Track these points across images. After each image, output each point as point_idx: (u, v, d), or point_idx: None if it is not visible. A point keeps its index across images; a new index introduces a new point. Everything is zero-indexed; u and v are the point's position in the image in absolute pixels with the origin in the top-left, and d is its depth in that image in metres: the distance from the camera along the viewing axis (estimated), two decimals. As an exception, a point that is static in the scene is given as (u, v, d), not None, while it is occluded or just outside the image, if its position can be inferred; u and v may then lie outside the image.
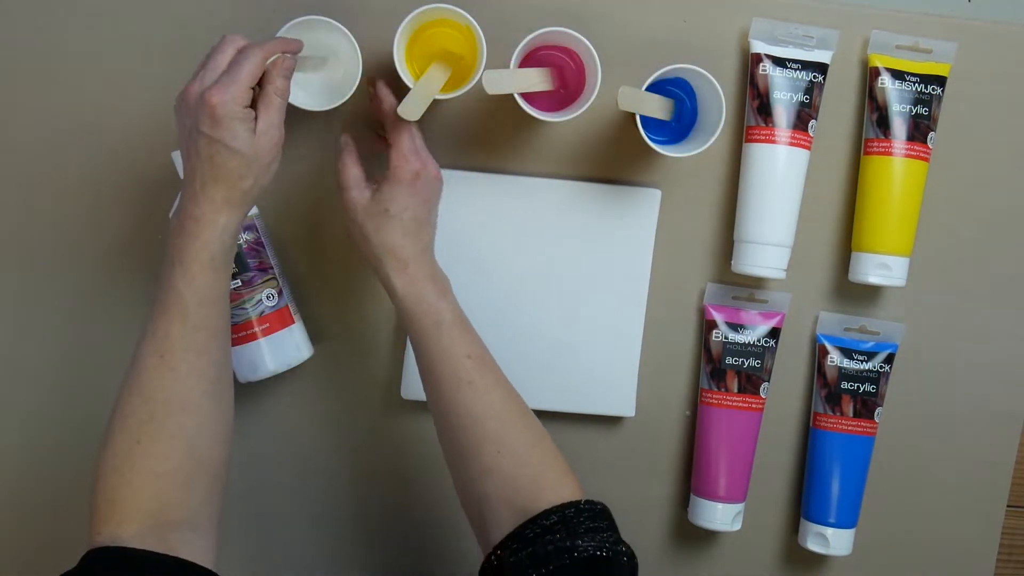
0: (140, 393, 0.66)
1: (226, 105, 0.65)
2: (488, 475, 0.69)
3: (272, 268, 0.80)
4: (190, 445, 0.67)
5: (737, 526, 0.85)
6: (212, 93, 0.65)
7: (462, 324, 0.73)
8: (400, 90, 0.73)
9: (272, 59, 0.69)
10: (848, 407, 0.84)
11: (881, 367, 0.85)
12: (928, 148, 0.82)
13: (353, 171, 0.74)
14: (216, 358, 0.69)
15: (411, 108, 0.70)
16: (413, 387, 0.83)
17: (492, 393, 0.71)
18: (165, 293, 0.67)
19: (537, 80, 0.75)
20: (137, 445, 0.65)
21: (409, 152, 0.73)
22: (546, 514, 0.66)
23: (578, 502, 0.67)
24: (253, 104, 0.68)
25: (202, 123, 0.66)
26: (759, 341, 0.84)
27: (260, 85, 0.69)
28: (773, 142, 0.80)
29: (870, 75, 0.82)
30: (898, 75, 0.81)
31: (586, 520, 0.66)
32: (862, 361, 0.85)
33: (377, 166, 0.76)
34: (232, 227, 0.68)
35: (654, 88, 0.76)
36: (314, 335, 0.83)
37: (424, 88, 0.71)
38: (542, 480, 0.69)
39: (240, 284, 0.78)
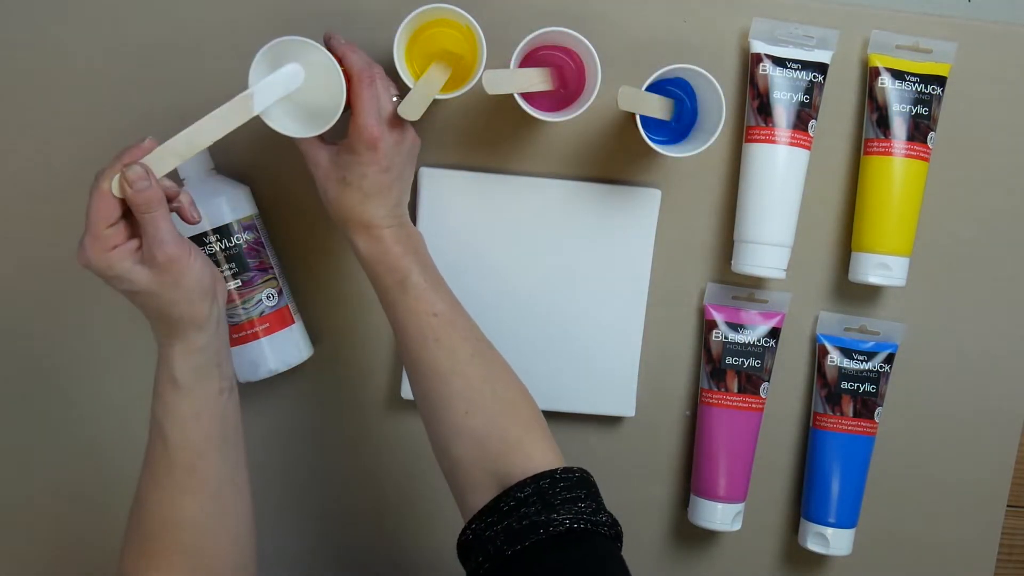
0: (138, 510, 0.69)
1: (92, 263, 0.64)
2: (458, 436, 0.69)
3: (272, 268, 0.80)
4: (192, 557, 0.68)
5: (737, 526, 0.85)
6: (79, 258, 0.64)
7: (429, 281, 0.72)
8: (400, 90, 0.73)
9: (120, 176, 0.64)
10: (848, 407, 0.84)
11: (881, 367, 0.85)
12: (928, 148, 0.82)
13: None
14: (210, 472, 0.68)
15: (411, 108, 0.70)
16: (413, 387, 0.83)
17: (459, 350, 0.70)
18: (151, 425, 0.69)
19: (537, 80, 0.75)
20: (141, 559, 0.68)
21: (367, 118, 0.69)
22: (521, 485, 0.65)
23: (554, 471, 0.66)
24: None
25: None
26: (759, 341, 0.84)
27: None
28: (773, 142, 0.80)
29: (870, 75, 0.82)
30: (898, 75, 0.81)
31: (562, 491, 0.65)
32: (862, 361, 0.85)
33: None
34: (191, 348, 0.67)
35: (654, 88, 0.76)
36: (314, 335, 0.83)
37: (424, 88, 0.71)
38: (515, 443, 0.68)
39: (240, 284, 0.78)
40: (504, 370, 0.72)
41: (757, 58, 0.80)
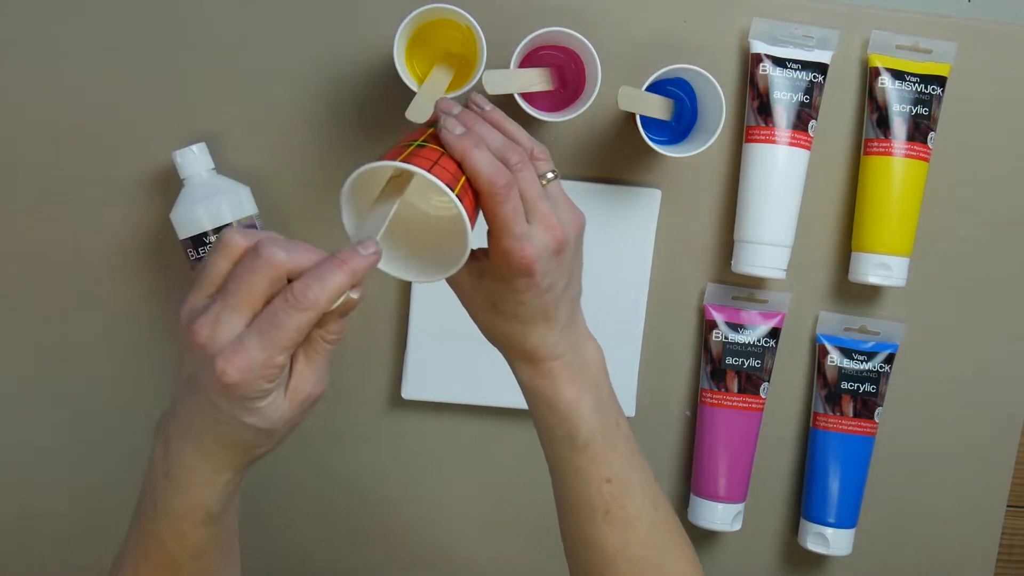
0: None
1: (248, 386, 0.47)
2: None
3: (272, 268, 0.79)
4: None
5: (737, 526, 0.85)
6: (230, 367, 0.46)
7: (607, 434, 0.58)
8: (403, 92, 0.73)
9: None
10: (848, 407, 0.84)
11: (881, 367, 0.85)
12: (928, 148, 0.82)
13: None
14: None
15: (418, 111, 0.70)
16: (413, 387, 0.83)
17: (632, 527, 0.58)
18: (148, 539, 0.53)
19: (537, 80, 0.75)
20: None
21: (511, 241, 0.52)
22: None
23: None
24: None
25: (211, 390, 0.48)
26: (759, 341, 0.84)
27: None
28: (773, 142, 0.80)
29: (870, 75, 0.82)
30: (898, 75, 0.81)
31: None
32: (862, 361, 0.85)
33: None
34: (236, 481, 0.54)
35: (654, 88, 0.76)
36: (314, 335, 0.83)
37: (430, 91, 0.71)
38: None
39: (240, 284, 0.77)
40: (679, 543, 0.61)
41: (757, 58, 0.80)
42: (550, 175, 0.57)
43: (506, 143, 0.56)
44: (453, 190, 0.51)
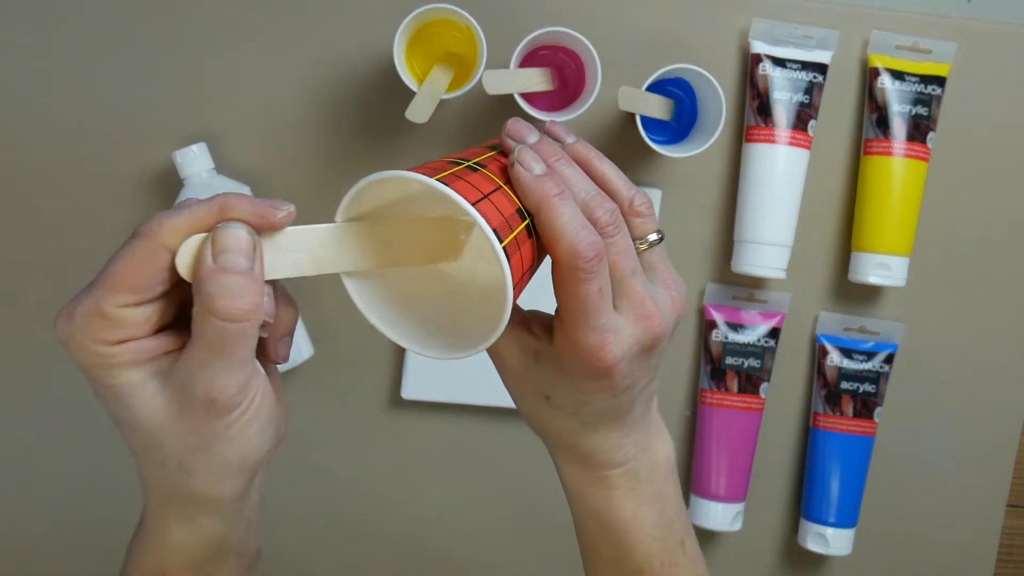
0: None
1: (77, 341, 0.36)
2: None
3: (272, 268, 0.79)
4: None
5: (737, 526, 0.85)
6: (59, 319, 0.37)
7: (665, 563, 0.47)
8: (403, 92, 0.73)
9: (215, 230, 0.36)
10: (848, 407, 0.84)
11: (881, 367, 0.85)
12: (928, 148, 0.82)
13: None
14: None
15: (419, 112, 0.70)
16: (413, 387, 0.83)
17: None
18: None
19: (537, 80, 0.75)
20: None
21: (588, 335, 0.40)
22: None
23: None
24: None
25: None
26: (759, 341, 0.84)
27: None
28: (773, 142, 0.80)
29: (870, 75, 0.82)
30: (898, 75, 0.81)
31: None
32: (862, 361, 0.85)
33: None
34: (197, 536, 0.41)
35: (654, 88, 0.76)
36: (314, 335, 0.83)
37: (430, 91, 0.71)
38: None
39: (240, 284, 0.77)
40: None
41: (757, 58, 0.80)
42: (652, 237, 0.43)
43: (596, 194, 0.42)
44: (502, 240, 0.35)
